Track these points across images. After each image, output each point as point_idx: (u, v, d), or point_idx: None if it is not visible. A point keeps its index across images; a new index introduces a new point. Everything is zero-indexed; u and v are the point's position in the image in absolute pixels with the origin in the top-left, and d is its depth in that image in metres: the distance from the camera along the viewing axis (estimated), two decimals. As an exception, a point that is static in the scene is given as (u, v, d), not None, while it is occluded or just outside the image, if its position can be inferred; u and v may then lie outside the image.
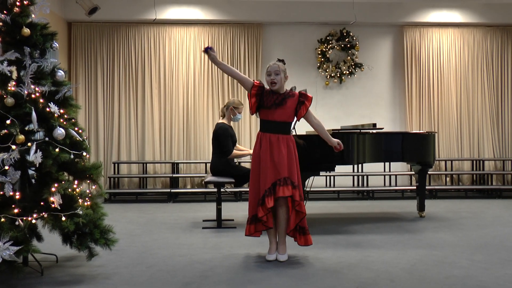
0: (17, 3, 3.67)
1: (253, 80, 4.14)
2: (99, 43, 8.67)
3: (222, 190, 5.78)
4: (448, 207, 7.22)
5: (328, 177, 8.68)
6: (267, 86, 4.17)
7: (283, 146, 4.04)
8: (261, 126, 4.17)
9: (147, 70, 8.71)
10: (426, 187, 7.27)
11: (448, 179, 9.02)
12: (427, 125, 8.99)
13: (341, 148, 4.31)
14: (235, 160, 5.98)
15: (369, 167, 8.37)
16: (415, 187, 7.07)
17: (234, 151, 5.69)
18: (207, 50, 4.06)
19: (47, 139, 3.60)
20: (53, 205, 3.48)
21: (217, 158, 5.68)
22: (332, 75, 8.89)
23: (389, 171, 8.71)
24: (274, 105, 4.06)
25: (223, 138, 5.60)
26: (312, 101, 4.25)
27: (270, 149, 4.03)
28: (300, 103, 4.13)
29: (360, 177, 8.71)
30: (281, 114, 4.07)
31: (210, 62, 8.61)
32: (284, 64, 4.18)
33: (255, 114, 4.23)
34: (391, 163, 8.55)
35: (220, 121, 5.80)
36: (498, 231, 5.32)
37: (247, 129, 8.77)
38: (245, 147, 8.36)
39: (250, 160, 6.42)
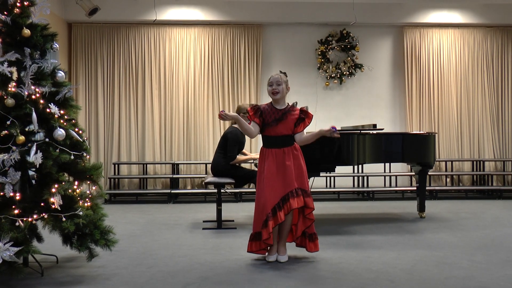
0: (18, 4, 3.67)
1: (250, 115, 4.10)
2: (99, 44, 8.68)
3: (222, 191, 5.78)
4: (448, 207, 7.21)
5: (328, 178, 8.68)
6: (265, 101, 4.13)
7: (288, 158, 4.04)
8: (264, 142, 4.16)
9: (147, 70, 8.71)
10: (426, 188, 7.28)
11: (448, 179, 9.02)
12: (427, 125, 8.99)
13: (338, 135, 4.03)
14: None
15: (369, 167, 8.37)
16: (415, 188, 7.06)
17: (238, 157, 5.74)
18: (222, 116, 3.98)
19: (47, 140, 3.60)
20: (53, 206, 3.48)
21: (220, 157, 5.70)
22: (332, 75, 8.89)
23: (389, 171, 8.71)
24: (275, 121, 4.05)
25: (231, 143, 5.64)
26: (312, 101, 4.23)
27: (276, 163, 4.03)
28: (300, 119, 4.10)
29: (360, 177, 8.71)
30: (283, 128, 4.06)
31: (210, 62, 8.71)
32: (286, 76, 4.18)
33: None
34: (391, 163, 8.55)
35: (235, 125, 5.82)
36: (498, 232, 5.32)
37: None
38: (245, 150, 8.35)
39: (252, 162, 6.42)
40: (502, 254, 4.29)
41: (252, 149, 8.60)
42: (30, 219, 3.45)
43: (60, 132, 3.59)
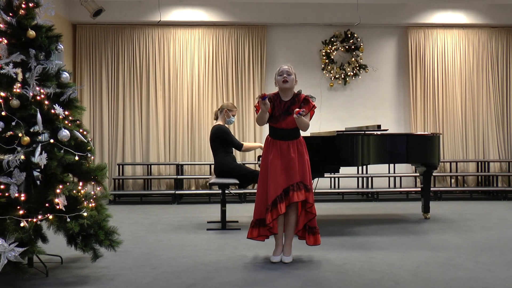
0: (23, 6, 3.69)
1: (258, 100, 4.07)
2: (103, 45, 8.70)
3: (226, 191, 5.78)
4: (453, 208, 7.19)
5: (332, 179, 8.67)
6: (273, 90, 4.17)
7: (293, 151, 4.07)
8: (270, 132, 4.19)
9: (152, 71, 8.73)
10: (431, 189, 7.25)
11: (453, 180, 9.00)
12: (431, 126, 8.97)
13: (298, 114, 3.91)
14: (239, 160, 5.98)
15: (374, 168, 8.35)
16: (419, 189, 7.06)
17: (246, 144, 5.74)
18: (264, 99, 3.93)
19: (52, 140, 3.61)
20: (58, 207, 3.49)
21: (220, 158, 5.67)
22: (337, 76, 8.88)
23: (394, 172, 8.69)
24: (282, 114, 4.09)
25: (227, 136, 5.63)
26: (316, 101, 4.24)
27: (280, 155, 4.06)
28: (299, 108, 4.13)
29: (364, 178, 8.70)
30: (289, 122, 4.09)
31: (214, 63, 8.71)
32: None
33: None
34: (396, 164, 8.54)
35: (216, 123, 5.82)
36: (503, 233, 5.30)
37: (251, 130, 8.76)
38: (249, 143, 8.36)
39: (257, 162, 6.42)
40: (507, 256, 4.27)
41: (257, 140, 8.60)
42: (35, 220, 3.46)
43: (64, 133, 3.60)
